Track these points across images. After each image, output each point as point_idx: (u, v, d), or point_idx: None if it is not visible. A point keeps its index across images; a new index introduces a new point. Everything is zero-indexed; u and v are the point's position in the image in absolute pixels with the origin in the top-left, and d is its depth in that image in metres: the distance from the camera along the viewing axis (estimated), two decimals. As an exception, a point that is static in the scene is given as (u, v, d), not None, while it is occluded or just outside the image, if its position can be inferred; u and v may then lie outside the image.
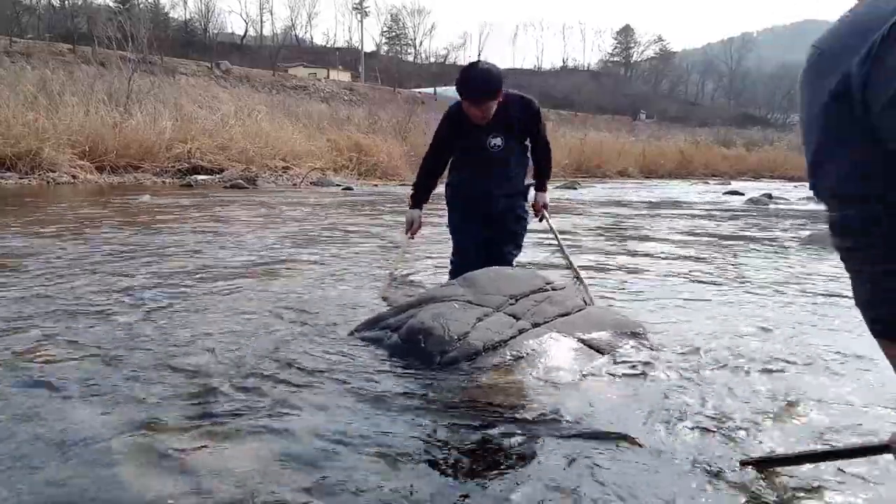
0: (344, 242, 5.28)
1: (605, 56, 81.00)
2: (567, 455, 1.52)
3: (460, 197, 3.10)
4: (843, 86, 0.78)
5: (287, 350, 2.26)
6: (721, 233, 6.83)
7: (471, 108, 2.74)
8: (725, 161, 32.54)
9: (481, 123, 2.79)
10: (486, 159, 2.90)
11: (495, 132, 2.85)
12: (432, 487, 1.37)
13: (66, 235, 5.06)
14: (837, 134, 0.80)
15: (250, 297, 3.10)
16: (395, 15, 69.42)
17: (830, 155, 0.81)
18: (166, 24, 46.82)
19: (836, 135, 0.80)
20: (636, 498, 1.34)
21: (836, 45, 0.81)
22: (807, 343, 2.51)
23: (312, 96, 26.75)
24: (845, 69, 0.77)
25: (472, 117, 2.77)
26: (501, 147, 2.87)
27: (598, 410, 1.78)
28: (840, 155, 0.80)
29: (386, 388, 1.93)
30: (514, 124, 2.87)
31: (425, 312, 2.33)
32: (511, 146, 2.91)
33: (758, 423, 1.72)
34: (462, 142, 2.94)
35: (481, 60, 2.78)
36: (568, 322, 2.42)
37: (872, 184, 0.78)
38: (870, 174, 0.78)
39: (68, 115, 12.19)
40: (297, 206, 8.87)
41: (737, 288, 3.67)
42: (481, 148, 2.87)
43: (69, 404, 1.74)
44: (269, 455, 1.47)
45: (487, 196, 2.99)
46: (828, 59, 0.81)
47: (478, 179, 2.98)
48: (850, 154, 0.79)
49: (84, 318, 2.64)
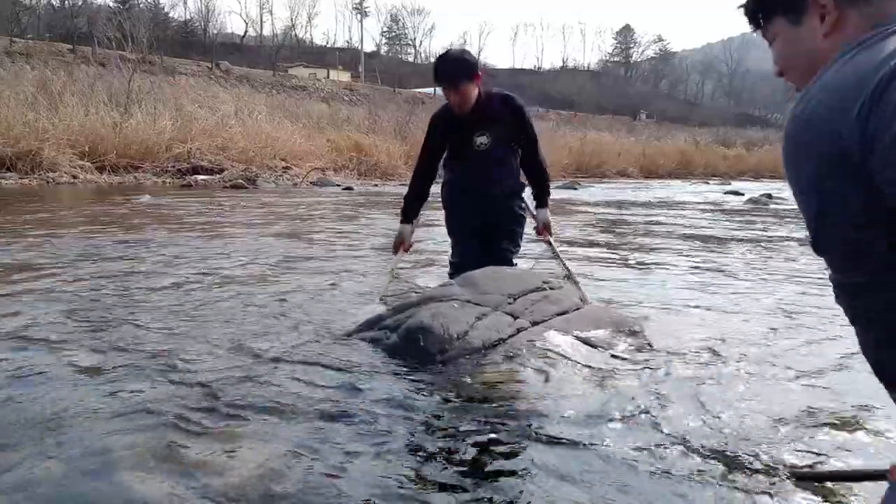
0: (344, 243, 5.28)
1: (605, 56, 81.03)
2: (566, 454, 1.52)
3: (456, 197, 3.09)
4: (836, 147, 0.77)
5: (286, 350, 2.27)
6: (721, 233, 6.83)
7: (450, 94, 2.74)
8: (725, 161, 32.52)
9: (464, 112, 2.78)
10: (474, 159, 2.89)
11: (481, 131, 2.85)
12: (431, 486, 1.37)
13: (66, 236, 5.07)
14: (832, 197, 0.80)
15: (249, 298, 3.10)
16: (394, 15, 69.54)
17: (824, 218, 0.82)
18: (166, 24, 46.78)
19: (831, 198, 0.80)
20: (636, 498, 1.34)
21: (820, 112, 0.80)
22: (807, 343, 2.51)
23: (312, 96, 26.73)
24: (833, 132, 0.77)
25: (454, 106, 2.77)
26: (488, 146, 2.86)
27: (597, 409, 1.79)
28: (834, 217, 0.81)
29: (385, 387, 1.94)
30: (498, 120, 2.86)
31: (424, 312, 2.34)
32: (497, 144, 2.89)
33: (756, 424, 1.72)
34: (451, 143, 2.94)
35: (452, 48, 2.87)
36: (566, 320, 2.42)
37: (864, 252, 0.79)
38: (863, 240, 0.79)
39: (68, 115, 12.17)
40: (297, 206, 8.87)
41: (737, 287, 3.68)
42: (469, 147, 2.87)
43: (69, 404, 1.74)
44: (269, 455, 1.48)
45: (483, 195, 2.98)
46: (814, 125, 0.81)
47: (470, 178, 2.96)
48: (844, 218, 0.80)
49: (82, 318, 2.64)
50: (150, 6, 47.44)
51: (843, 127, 0.76)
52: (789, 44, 0.95)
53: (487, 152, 2.87)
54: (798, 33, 0.93)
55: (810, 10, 0.91)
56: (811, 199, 0.83)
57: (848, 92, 0.77)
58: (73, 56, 21.06)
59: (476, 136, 2.85)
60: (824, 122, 0.79)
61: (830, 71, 0.82)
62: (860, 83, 0.76)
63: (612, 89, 64.94)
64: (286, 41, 55.66)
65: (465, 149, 2.88)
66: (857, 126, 0.75)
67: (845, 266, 0.84)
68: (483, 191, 2.96)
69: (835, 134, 0.77)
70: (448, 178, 3.12)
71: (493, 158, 2.90)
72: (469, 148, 2.87)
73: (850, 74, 0.79)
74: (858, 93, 0.75)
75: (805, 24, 0.92)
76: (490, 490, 1.36)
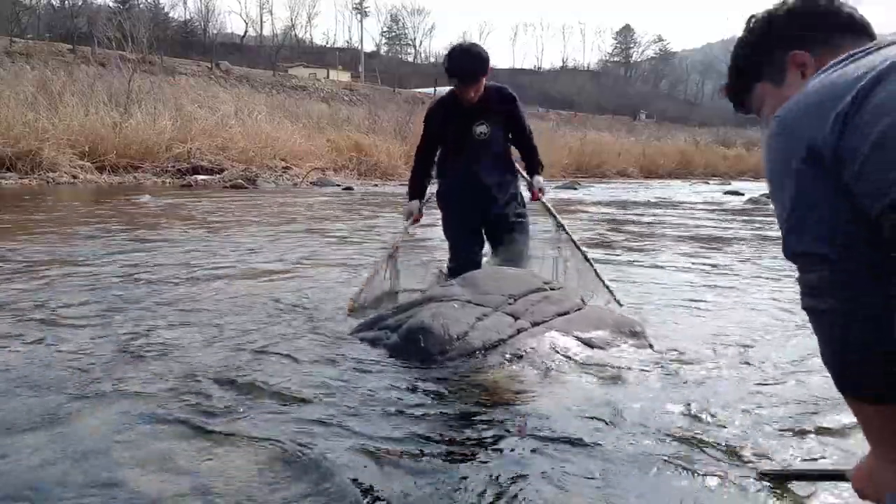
0: (344, 243, 5.28)
1: (605, 56, 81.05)
2: (566, 454, 1.52)
3: (456, 194, 3.09)
4: (812, 151, 0.79)
5: (286, 350, 2.27)
6: (721, 233, 6.83)
7: (464, 88, 2.85)
8: (725, 161, 32.52)
9: (472, 102, 2.89)
10: (474, 147, 2.98)
11: (480, 120, 2.96)
12: (431, 486, 1.37)
13: (66, 236, 5.07)
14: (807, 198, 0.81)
15: (249, 298, 3.10)
16: (394, 15, 69.55)
17: (801, 219, 0.82)
18: (166, 24, 46.78)
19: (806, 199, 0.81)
20: (634, 497, 1.34)
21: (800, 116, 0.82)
22: (808, 344, 2.51)
23: (312, 96, 26.70)
24: (811, 137, 0.79)
25: (465, 98, 2.88)
26: (487, 134, 2.97)
27: (597, 410, 1.79)
28: (810, 218, 0.81)
29: (385, 387, 1.93)
30: (493, 110, 2.98)
31: (425, 312, 2.34)
32: (496, 134, 3.00)
33: (755, 427, 1.72)
34: (450, 132, 3.02)
35: (462, 42, 2.94)
36: (567, 321, 2.42)
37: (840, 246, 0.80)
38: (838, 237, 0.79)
39: (68, 115, 12.16)
40: (297, 206, 8.87)
41: (737, 288, 3.68)
42: (469, 136, 2.97)
43: (68, 405, 1.74)
44: (268, 455, 1.48)
45: (483, 190, 3.00)
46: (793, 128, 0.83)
47: (470, 172, 3.00)
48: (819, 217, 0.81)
49: (81, 319, 2.64)
50: (150, 6, 47.50)
51: (818, 133, 0.78)
52: (776, 100, 0.99)
53: (486, 142, 2.97)
54: (782, 91, 1.00)
55: (790, 69, 0.99)
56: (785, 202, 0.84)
57: (827, 101, 0.79)
58: (73, 56, 21.04)
59: (475, 125, 2.96)
60: (803, 128, 0.81)
61: (814, 81, 0.85)
62: (840, 92, 0.78)
63: (612, 89, 64.93)
64: (286, 41, 55.69)
65: (465, 138, 2.97)
66: (832, 135, 0.76)
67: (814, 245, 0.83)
68: (484, 185, 3.00)
69: (812, 140, 0.79)
70: (444, 181, 3.14)
71: (490, 147, 2.99)
72: (469, 137, 2.97)
73: (829, 85, 0.81)
74: (837, 102, 0.77)
75: (787, 81, 0.99)
76: (490, 490, 1.36)
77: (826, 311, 0.82)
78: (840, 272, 0.79)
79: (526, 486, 1.38)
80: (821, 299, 0.82)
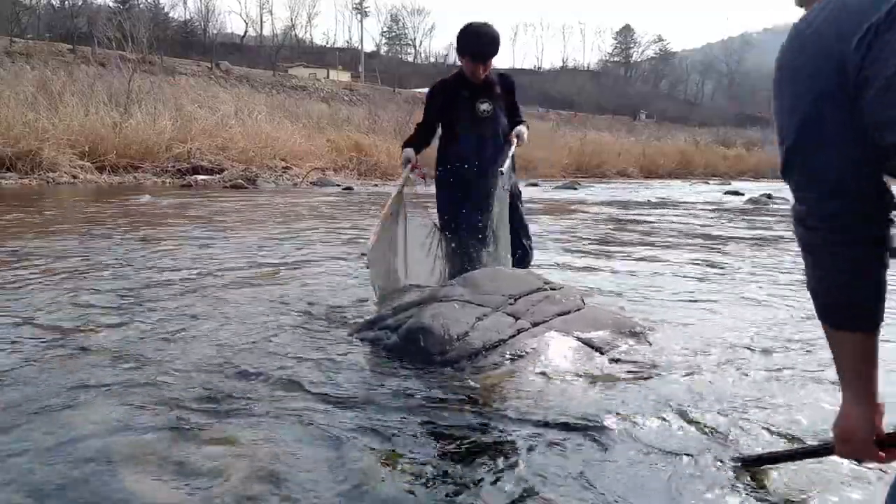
0: (344, 243, 5.28)
1: (605, 56, 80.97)
2: (566, 454, 1.52)
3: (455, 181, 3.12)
4: (838, 71, 0.76)
5: (287, 351, 2.27)
6: (721, 232, 6.83)
7: (475, 66, 3.00)
8: (725, 161, 32.55)
9: (479, 80, 3.06)
10: (477, 124, 3.11)
11: (483, 98, 3.11)
12: (431, 486, 1.37)
13: (66, 237, 5.06)
14: (827, 122, 0.79)
15: (249, 299, 3.10)
16: (394, 15, 69.45)
17: (806, 151, 0.81)
18: (166, 24, 46.76)
19: (826, 123, 0.79)
20: (634, 497, 1.34)
21: (830, 20, 0.78)
22: (808, 344, 2.51)
23: (312, 96, 26.74)
24: (840, 51, 0.75)
25: (474, 75, 3.03)
26: (490, 112, 3.12)
27: (596, 410, 1.78)
28: (816, 156, 0.81)
29: (385, 387, 1.93)
30: (496, 93, 3.15)
31: (425, 312, 2.34)
32: (497, 113, 3.15)
33: (755, 427, 1.72)
34: (454, 110, 3.14)
35: (474, 22, 3.05)
36: (567, 321, 2.42)
37: (839, 190, 0.80)
38: (838, 180, 0.80)
39: (68, 115, 12.18)
40: (297, 206, 8.87)
41: (738, 287, 3.68)
42: (473, 113, 3.10)
43: (68, 405, 1.74)
44: (269, 455, 1.48)
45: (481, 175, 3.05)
46: (820, 33, 0.78)
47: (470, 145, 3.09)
48: (826, 159, 0.80)
49: (80, 318, 2.64)
50: (150, 6, 47.46)
51: (846, 46, 0.75)
52: None
53: (490, 119, 3.12)
54: None
55: None
56: (793, 124, 0.82)
57: (853, 16, 0.75)
58: (73, 56, 21.07)
59: (479, 103, 3.11)
60: (830, 36, 0.77)
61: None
62: (865, 12, 0.74)
63: (612, 89, 64.92)
64: (286, 41, 55.64)
65: (469, 114, 3.10)
66: (859, 49, 0.74)
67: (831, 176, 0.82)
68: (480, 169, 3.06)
69: (840, 54, 0.75)
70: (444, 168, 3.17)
71: (493, 124, 3.13)
72: (473, 113, 3.11)
73: (852, 7, 0.76)
74: (871, 14, 0.73)
75: None
76: (490, 491, 1.36)
77: (816, 244, 0.85)
78: (835, 213, 0.81)
79: (526, 485, 1.37)
80: (813, 232, 0.84)
